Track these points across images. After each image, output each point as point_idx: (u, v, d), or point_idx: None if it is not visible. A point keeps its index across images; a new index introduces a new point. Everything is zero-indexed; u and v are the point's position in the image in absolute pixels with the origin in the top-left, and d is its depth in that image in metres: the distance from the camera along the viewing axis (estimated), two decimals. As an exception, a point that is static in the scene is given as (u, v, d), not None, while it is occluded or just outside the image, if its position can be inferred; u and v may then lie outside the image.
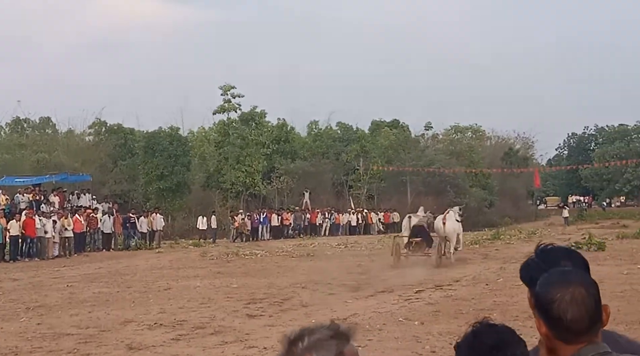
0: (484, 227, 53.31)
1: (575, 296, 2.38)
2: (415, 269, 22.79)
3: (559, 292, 2.39)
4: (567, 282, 2.43)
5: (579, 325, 2.38)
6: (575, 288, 2.40)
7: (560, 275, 2.50)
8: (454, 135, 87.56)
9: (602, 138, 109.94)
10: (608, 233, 39.43)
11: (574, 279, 2.45)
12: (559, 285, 2.42)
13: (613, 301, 14.24)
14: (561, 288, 2.41)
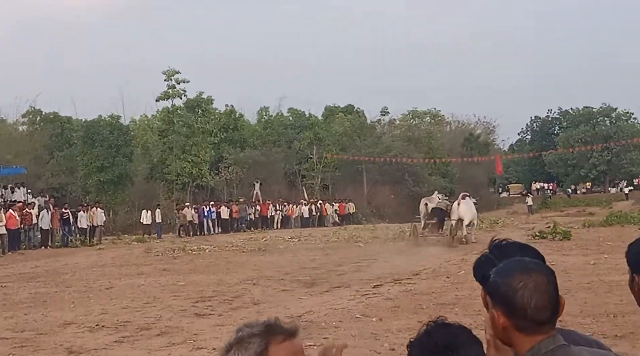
0: (444, 217, 53.61)
1: (538, 284, 2.41)
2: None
3: (521, 280, 2.42)
4: (529, 269, 2.46)
5: (542, 314, 2.41)
6: (537, 275, 2.44)
7: (520, 263, 2.52)
8: (411, 120, 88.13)
9: (567, 122, 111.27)
10: (574, 222, 40.03)
11: (534, 267, 2.49)
12: (520, 273, 2.45)
13: (580, 293, 14.49)
14: (523, 275, 2.43)
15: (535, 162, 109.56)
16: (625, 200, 79.43)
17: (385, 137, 74.88)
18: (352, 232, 40.68)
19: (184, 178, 60.40)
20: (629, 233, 28.51)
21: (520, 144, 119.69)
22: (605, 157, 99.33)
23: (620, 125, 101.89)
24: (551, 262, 19.77)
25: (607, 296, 13.99)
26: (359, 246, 31.35)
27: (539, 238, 27.54)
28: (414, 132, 78.59)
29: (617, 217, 36.77)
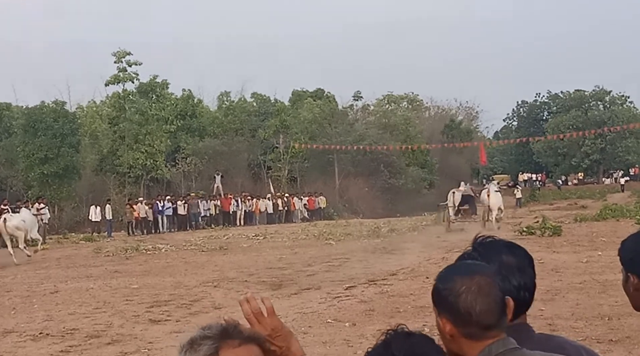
0: (424, 212, 53.92)
1: (481, 287, 2.44)
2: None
3: (463, 284, 2.45)
4: (472, 272, 2.49)
5: (488, 318, 2.44)
6: (480, 278, 2.46)
7: (461, 266, 2.59)
8: (387, 105, 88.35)
9: (557, 107, 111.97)
10: (564, 216, 40.31)
11: (478, 269, 2.52)
12: (461, 276, 2.48)
13: (571, 294, 14.61)
14: (465, 279, 2.46)
15: (523, 151, 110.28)
16: (621, 192, 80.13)
17: (358, 124, 75.02)
18: (323, 228, 40.74)
19: (137, 171, 60.13)
20: (624, 228, 28.75)
21: (506, 131, 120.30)
22: (598, 145, 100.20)
23: (615, 110, 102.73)
24: (540, 259, 19.91)
25: (601, 298, 14.09)
26: (330, 244, 31.41)
27: (527, 234, 27.70)
28: (390, 118, 78.72)
29: (612, 210, 37.03)
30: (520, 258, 2.72)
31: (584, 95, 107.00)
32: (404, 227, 39.60)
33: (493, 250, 2.72)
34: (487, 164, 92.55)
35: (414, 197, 67.30)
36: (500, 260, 2.68)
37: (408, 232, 35.83)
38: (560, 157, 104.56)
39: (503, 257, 2.69)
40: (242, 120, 71.30)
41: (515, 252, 2.74)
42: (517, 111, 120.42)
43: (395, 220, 46.06)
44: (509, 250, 2.74)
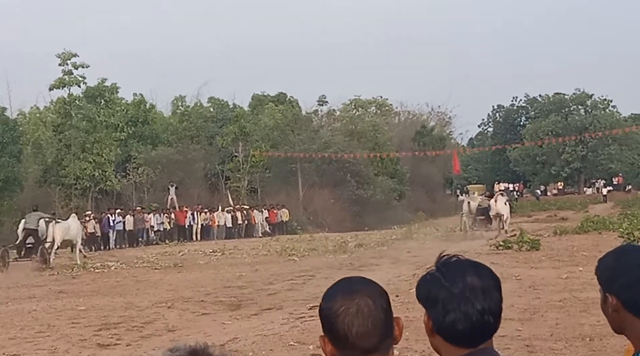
0: (393, 224, 54.09)
1: (361, 308, 2.51)
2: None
3: (343, 304, 2.52)
4: (352, 292, 2.55)
5: (366, 342, 2.50)
6: (362, 298, 2.53)
7: (345, 284, 2.63)
8: (354, 110, 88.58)
9: (535, 111, 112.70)
10: (543, 229, 40.60)
11: (360, 289, 2.58)
12: (343, 296, 2.55)
13: (550, 313, 14.70)
14: (345, 299, 2.53)
15: (499, 159, 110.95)
16: (603, 203, 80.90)
17: (323, 131, 75.05)
18: (286, 243, 40.67)
19: (85, 182, 59.66)
20: (607, 241, 28.98)
21: (481, 138, 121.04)
22: (579, 152, 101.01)
23: (597, 115, 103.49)
24: (517, 276, 20.07)
25: (582, 317, 14.19)
26: (294, 260, 31.39)
27: (503, 249, 27.86)
28: (357, 124, 78.90)
29: (594, 222, 37.30)
30: (485, 280, 2.74)
31: (563, 99, 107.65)
32: (372, 241, 39.68)
33: (457, 270, 2.74)
34: (461, 173, 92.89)
35: (383, 209, 67.46)
36: (464, 282, 2.69)
37: (377, 247, 35.90)
38: (539, 166, 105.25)
39: (467, 278, 2.70)
40: (199, 126, 71.07)
41: (480, 272, 2.75)
42: (492, 116, 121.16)
43: (363, 234, 46.14)
44: (474, 270, 2.75)
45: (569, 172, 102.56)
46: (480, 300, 2.68)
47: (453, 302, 2.67)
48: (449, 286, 2.68)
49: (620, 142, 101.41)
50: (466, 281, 2.70)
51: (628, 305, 2.98)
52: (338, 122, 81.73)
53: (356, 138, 73.93)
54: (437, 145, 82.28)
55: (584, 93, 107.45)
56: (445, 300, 2.68)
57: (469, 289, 2.68)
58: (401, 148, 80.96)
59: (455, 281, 2.69)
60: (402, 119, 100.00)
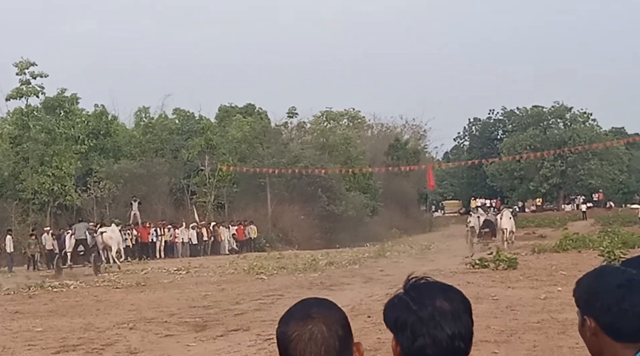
0: (366, 242, 54.09)
1: (314, 335, 2.53)
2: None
3: (296, 330, 2.54)
4: (307, 318, 2.58)
5: None
6: (315, 325, 2.55)
7: (301, 309, 2.65)
8: (325, 123, 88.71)
9: (512, 125, 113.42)
10: (521, 247, 40.79)
11: (316, 314, 2.60)
12: (297, 321, 2.58)
13: (527, 335, 14.73)
14: (299, 324, 2.56)
15: (475, 174, 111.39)
16: (583, 220, 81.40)
17: (293, 144, 75.13)
18: (253, 261, 40.53)
19: (43, 197, 59.33)
20: (587, 260, 29.19)
21: (457, 152, 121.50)
22: (558, 167, 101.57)
23: (577, 129, 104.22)
24: (494, 296, 20.13)
25: (561, 339, 14.23)
26: (262, 279, 31.32)
27: (480, 267, 27.95)
28: (329, 137, 78.97)
29: (573, 240, 37.54)
30: (455, 303, 2.74)
31: (542, 112, 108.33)
32: (344, 259, 39.62)
33: (426, 293, 2.75)
34: (436, 188, 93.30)
35: (355, 226, 67.48)
36: (434, 305, 2.70)
37: (348, 265, 35.87)
38: (517, 181, 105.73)
39: (437, 301, 2.71)
40: (163, 139, 70.89)
41: (450, 296, 2.76)
42: (469, 129, 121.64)
43: (334, 252, 46.10)
44: (443, 294, 2.76)
45: (547, 187, 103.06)
46: (450, 324, 2.69)
47: (422, 327, 2.68)
48: (418, 311, 2.70)
49: (601, 156, 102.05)
50: (435, 305, 2.71)
51: (607, 328, 2.99)
52: (309, 135, 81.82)
53: (327, 151, 74.02)
54: (411, 160, 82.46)
55: (563, 106, 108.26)
56: (414, 325, 2.69)
57: (439, 313, 2.69)
58: (374, 162, 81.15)
59: (424, 305, 2.70)
60: (375, 132, 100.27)
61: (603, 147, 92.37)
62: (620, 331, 2.99)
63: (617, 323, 2.97)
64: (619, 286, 3.02)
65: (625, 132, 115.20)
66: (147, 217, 57.41)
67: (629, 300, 3.00)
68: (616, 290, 3.01)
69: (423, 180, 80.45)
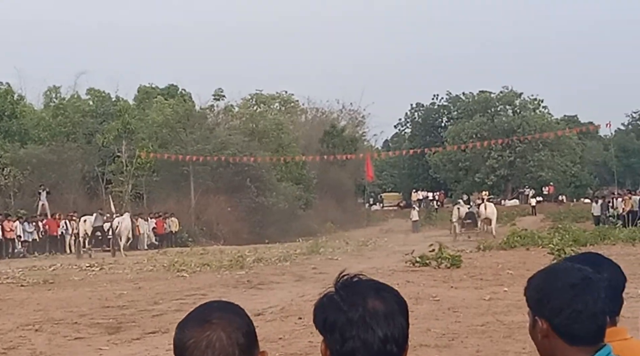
0: (298, 237, 54.19)
1: (211, 343, 2.52)
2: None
3: (192, 336, 2.54)
4: (206, 323, 2.56)
5: None
6: (214, 331, 2.54)
7: (201, 313, 2.64)
8: (255, 107, 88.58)
9: (457, 111, 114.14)
10: (465, 243, 41.14)
11: (216, 319, 2.58)
12: (194, 325, 2.57)
13: (471, 339, 14.83)
14: (197, 330, 2.55)
15: (417, 164, 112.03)
16: (532, 215, 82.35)
17: (220, 129, 74.78)
18: (174, 257, 40.42)
19: (-61, 185, 58.58)
20: (536, 258, 29.51)
21: (398, 140, 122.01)
22: (506, 158, 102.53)
23: (526, 116, 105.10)
24: (435, 296, 20.29)
25: (507, 343, 14.36)
26: (183, 276, 31.21)
27: (420, 265, 28.14)
28: (259, 122, 78.82)
29: (521, 237, 37.97)
30: (389, 304, 2.72)
31: (489, 98, 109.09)
32: (273, 255, 39.62)
33: (357, 293, 2.72)
34: (375, 180, 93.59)
35: (286, 219, 67.50)
36: (365, 306, 2.67)
37: (278, 262, 35.87)
38: (462, 172, 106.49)
39: (369, 301, 2.69)
40: (75, 122, 70.18)
41: (384, 295, 2.74)
42: (410, 116, 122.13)
43: (263, 247, 46.12)
44: (376, 293, 2.74)
45: (494, 179, 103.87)
46: (382, 326, 2.67)
47: (352, 329, 2.66)
48: (347, 311, 2.68)
49: (552, 147, 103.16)
50: (367, 305, 2.69)
51: (559, 330, 3.00)
52: (237, 120, 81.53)
53: (257, 138, 73.88)
54: (348, 148, 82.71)
55: (512, 91, 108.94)
56: (343, 327, 2.67)
57: (370, 314, 2.67)
58: (308, 150, 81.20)
59: (354, 306, 2.68)
60: (310, 118, 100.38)
61: (554, 136, 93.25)
62: (573, 334, 2.99)
63: (570, 325, 2.98)
64: (572, 286, 3.03)
65: (578, 120, 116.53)
66: (57, 207, 56.87)
67: (583, 300, 3.00)
68: (569, 290, 3.02)
69: (361, 171, 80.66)
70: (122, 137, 68.39)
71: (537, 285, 3.12)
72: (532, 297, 3.11)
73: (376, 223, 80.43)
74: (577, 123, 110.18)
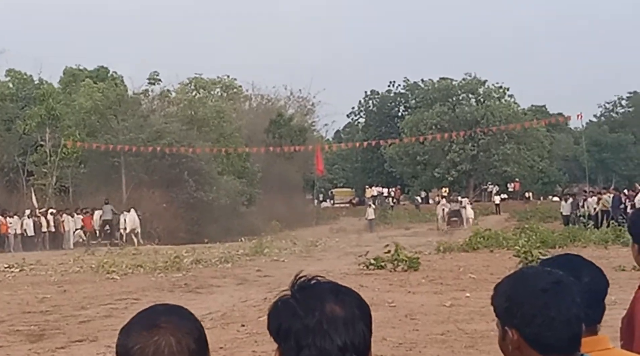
0: (240, 236, 54.12)
1: (160, 349, 2.52)
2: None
3: (139, 342, 2.53)
4: (153, 328, 2.56)
5: None
6: (162, 336, 2.54)
7: (148, 316, 2.64)
8: (194, 92, 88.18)
9: (416, 100, 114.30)
10: (424, 244, 41.27)
11: (164, 323, 2.58)
12: (140, 331, 2.56)
13: (430, 349, 14.91)
14: (143, 335, 2.55)
15: (372, 157, 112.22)
16: (496, 214, 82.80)
17: (155, 117, 74.47)
18: (104, 257, 40.23)
19: None
20: (500, 261, 29.72)
21: (351, 131, 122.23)
22: (469, 152, 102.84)
23: (491, 106, 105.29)
24: (390, 302, 20.36)
25: (469, 353, 14.44)
26: (114, 279, 31.09)
27: (375, 268, 28.20)
28: (198, 109, 78.46)
29: (485, 237, 38.14)
30: (349, 309, 2.71)
31: (451, 86, 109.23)
32: (214, 256, 39.54)
33: (315, 297, 2.70)
34: (325, 174, 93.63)
35: (228, 217, 67.40)
36: (323, 311, 2.66)
37: (219, 264, 35.80)
38: (420, 167, 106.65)
39: (327, 306, 2.67)
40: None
41: (344, 299, 2.72)
42: (365, 104, 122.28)
43: (202, 247, 46.02)
44: (335, 297, 2.72)
45: (455, 175, 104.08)
46: (341, 333, 2.65)
47: (307, 336, 2.64)
48: (304, 317, 2.66)
49: (518, 139, 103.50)
50: (325, 310, 2.67)
51: (531, 340, 3.01)
52: (174, 106, 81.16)
53: (196, 127, 73.60)
54: (296, 139, 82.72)
55: (476, 79, 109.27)
56: (298, 334, 2.66)
57: (328, 320, 2.66)
58: (252, 141, 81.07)
59: (311, 311, 2.67)
60: (254, 105, 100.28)
61: (521, 128, 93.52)
62: (546, 343, 3.01)
63: (542, 333, 2.99)
64: (543, 291, 3.04)
65: (547, 111, 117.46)
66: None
67: (556, 307, 3.01)
68: (541, 296, 3.02)
69: (310, 164, 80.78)
70: (46, 123, 67.94)
71: (505, 291, 3.12)
72: (500, 305, 3.11)
73: (326, 222, 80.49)
74: (545, 115, 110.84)
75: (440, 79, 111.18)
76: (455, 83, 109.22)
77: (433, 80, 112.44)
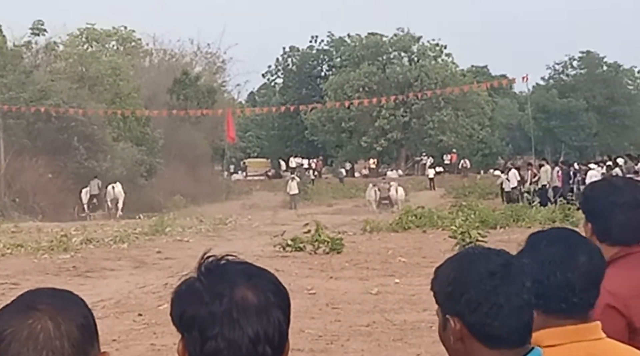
0: (138, 212, 53.90)
1: (34, 334, 2.45)
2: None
3: (12, 325, 2.46)
4: (30, 310, 2.50)
5: None
6: (39, 320, 2.46)
7: (27, 298, 2.57)
8: (85, 45, 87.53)
9: (342, 58, 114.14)
10: (348, 223, 41.45)
11: (45, 306, 2.50)
12: (15, 313, 2.50)
13: (353, 342, 14.93)
14: (17, 318, 2.48)
15: (290, 123, 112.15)
16: (430, 190, 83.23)
17: (39, 73, 73.78)
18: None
19: None
20: (434, 243, 29.94)
21: (267, 93, 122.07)
22: (400, 118, 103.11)
23: (426, 66, 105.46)
24: (310, 288, 20.44)
25: (397, 348, 14.48)
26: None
27: (293, 250, 28.23)
28: (90, 65, 77.87)
29: (417, 216, 38.38)
30: (263, 295, 2.63)
31: (381, 42, 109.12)
32: (107, 235, 39.35)
33: (224, 280, 2.62)
34: (237, 142, 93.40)
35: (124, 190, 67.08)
36: (232, 297, 2.59)
37: (113, 244, 35.61)
38: (345, 135, 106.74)
39: (237, 291, 2.59)
40: None
41: (257, 283, 2.64)
42: (283, 62, 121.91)
43: (93, 225, 45.80)
44: (247, 280, 2.64)
45: (385, 145, 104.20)
46: (252, 323, 2.56)
47: (214, 326, 2.56)
48: (210, 303, 2.57)
49: (456, 105, 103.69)
50: (235, 296, 2.57)
51: (476, 330, 2.99)
52: (62, 61, 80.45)
53: (88, 85, 73.08)
54: (204, 101, 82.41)
55: (409, 35, 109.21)
56: (204, 323, 2.57)
57: (238, 307, 2.56)
58: (153, 103, 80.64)
59: (219, 297, 2.57)
60: (156, 61, 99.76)
61: (459, 92, 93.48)
62: (493, 334, 2.98)
63: (489, 323, 2.97)
64: (491, 274, 3.01)
65: (489, 72, 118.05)
66: None
67: (504, 292, 2.99)
68: (487, 280, 3.00)
69: (219, 130, 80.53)
70: None
71: (447, 275, 3.09)
72: (442, 291, 3.08)
73: (238, 197, 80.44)
74: (487, 77, 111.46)
75: (368, 34, 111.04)
76: (385, 39, 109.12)
77: (361, 36, 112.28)
